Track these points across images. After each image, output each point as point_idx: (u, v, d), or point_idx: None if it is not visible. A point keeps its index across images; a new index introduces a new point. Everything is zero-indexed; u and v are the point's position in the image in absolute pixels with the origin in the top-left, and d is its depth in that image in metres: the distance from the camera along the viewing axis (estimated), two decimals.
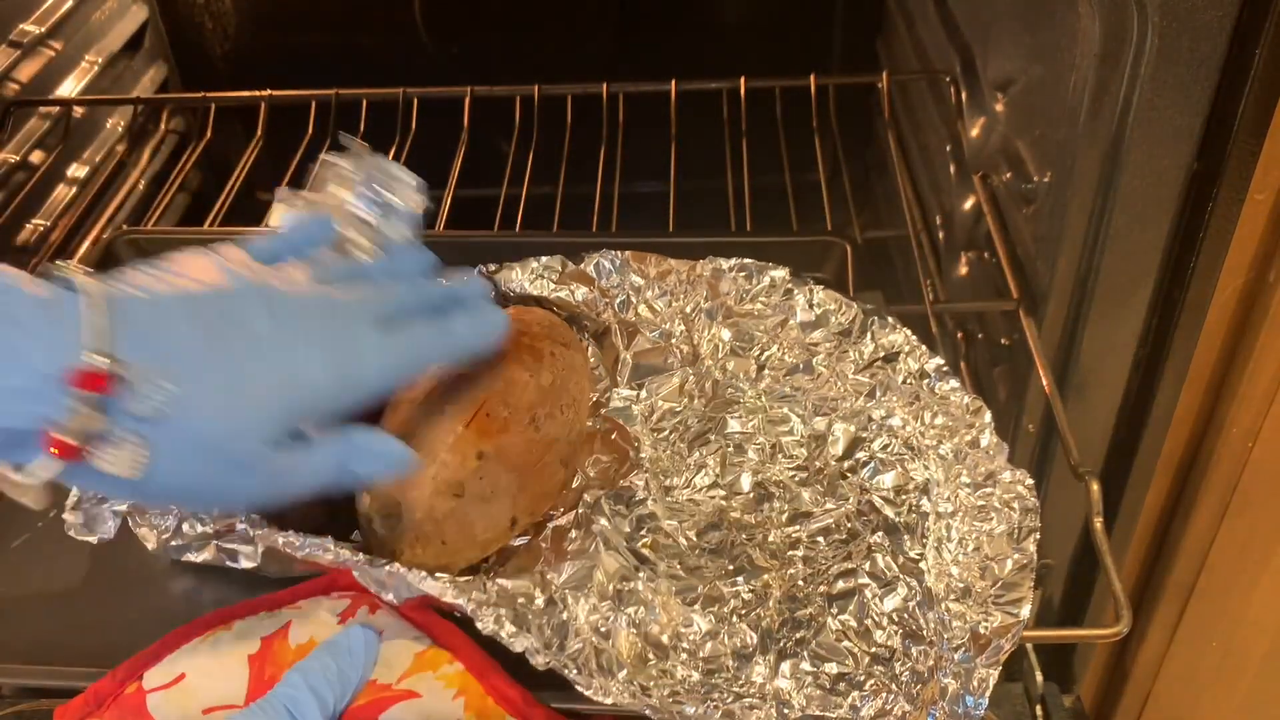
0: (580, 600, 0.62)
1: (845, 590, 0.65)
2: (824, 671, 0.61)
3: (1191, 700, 1.03)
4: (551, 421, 0.65)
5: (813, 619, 0.63)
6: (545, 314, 0.73)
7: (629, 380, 0.75)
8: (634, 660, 0.61)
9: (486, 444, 0.62)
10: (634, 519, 0.68)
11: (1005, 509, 0.67)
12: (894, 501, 0.69)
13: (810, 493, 0.70)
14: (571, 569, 0.64)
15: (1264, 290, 0.78)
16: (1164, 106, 0.70)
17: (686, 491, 0.71)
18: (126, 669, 0.61)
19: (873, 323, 0.76)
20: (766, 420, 0.74)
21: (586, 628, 0.61)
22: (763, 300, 0.77)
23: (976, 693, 0.60)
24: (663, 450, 0.72)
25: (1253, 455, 0.85)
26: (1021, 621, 0.62)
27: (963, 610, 0.63)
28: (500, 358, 0.65)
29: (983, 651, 0.61)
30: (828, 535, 0.68)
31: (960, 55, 1.07)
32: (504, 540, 0.65)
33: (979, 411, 0.71)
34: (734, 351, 0.76)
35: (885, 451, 0.71)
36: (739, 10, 1.46)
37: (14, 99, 1.14)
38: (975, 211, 1.00)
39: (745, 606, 0.64)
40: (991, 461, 0.69)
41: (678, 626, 0.63)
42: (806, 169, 1.11)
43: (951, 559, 0.66)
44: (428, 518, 0.61)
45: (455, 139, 1.15)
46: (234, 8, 1.41)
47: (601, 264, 0.77)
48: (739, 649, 0.62)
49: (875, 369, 0.74)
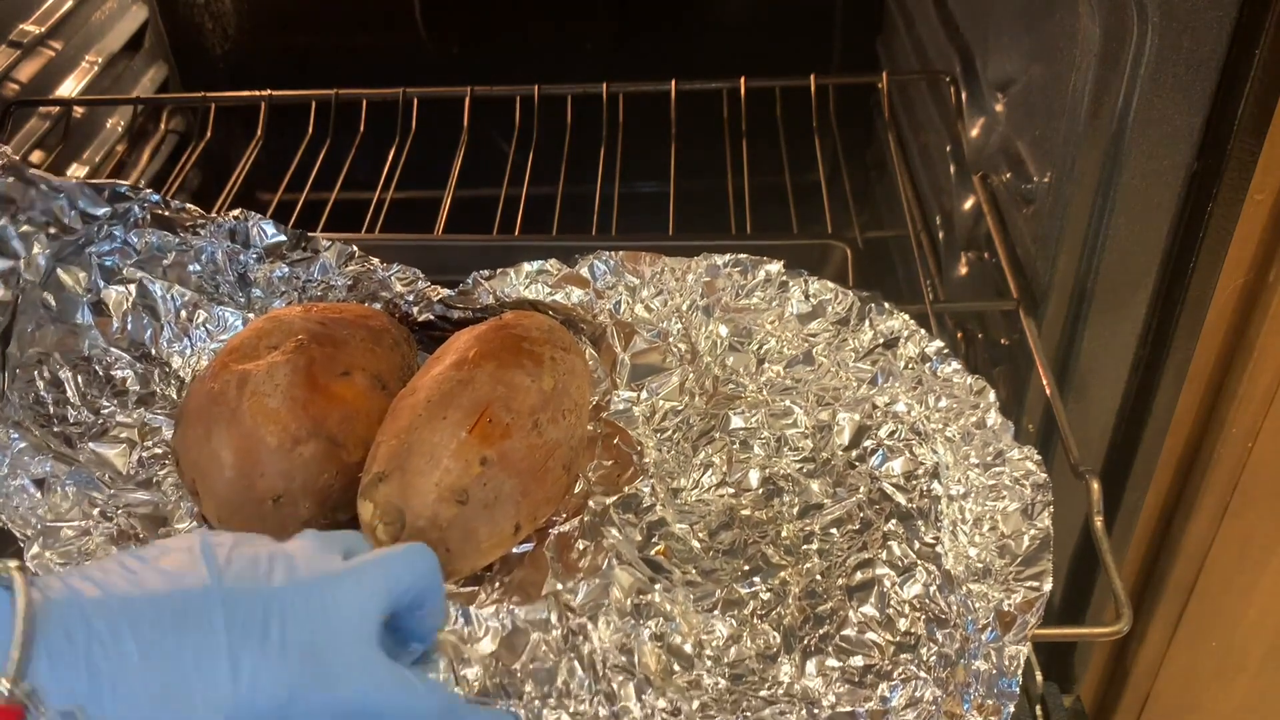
0: (600, 621, 0.61)
1: (864, 581, 0.64)
2: (850, 665, 0.61)
3: (1191, 700, 1.03)
4: (554, 426, 0.65)
5: (834, 613, 0.63)
6: (544, 319, 0.73)
7: (628, 382, 0.75)
8: (660, 674, 0.60)
9: (490, 449, 0.62)
10: (644, 526, 0.67)
11: (1016, 486, 0.68)
12: (905, 488, 0.68)
13: (820, 484, 0.70)
14: (587, 589, 0.63)
15: (1264, 290, 0.78)
16: (1164, 106, 0.70)
17: (695, 492, 0.70)
18: None
19: (870, 310, 0.75)
20: (769, 414, 0.74)
21: (611, 646, 0.61)
22: (759, 294, 0.76)
23: (1009, 671, 0.60)
24: (667, 451, 0.72)
25: (1253, 455, 0.86)
26: (1044, 595, 0.63)
27: (985, 590, 0.64)
28: (500, 364, 0.65)
29: (1009, 629, 0.62)
30: (841, 526, 0.68)
31: (960, 55, 1.07)
32: (507, 546, 0.64)
33: (983, 392, 0.71)
34: (732, 347, 0.76)
35: (892, 438, 0.71)
36: (739, 10, 1.46)
37: (14, 99, 1.14)
38: (975, 211, 1.00)
39: (765, 607, 0.64)
40: (999, 440, 0.69)
41: (699, 635, 0.62)
42: (806, 169, 1.11)
43: (968, 540, 0.66)
44: (431, 525, 0.60)
45: (455, 139, 1.15)
46: (234, 8, 1.41)
47: (596, 266, 0.76)
48: (763, 650, 0.62)
49: (876, 355, 0.74)
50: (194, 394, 0.67)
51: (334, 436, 0.65)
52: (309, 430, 0.64)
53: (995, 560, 0.65)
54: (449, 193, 1.06)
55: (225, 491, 0.64)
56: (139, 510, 0.69)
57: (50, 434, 0.72)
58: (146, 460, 0.72)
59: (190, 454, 0.65)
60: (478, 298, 0.75)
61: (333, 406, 0.66)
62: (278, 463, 0.63)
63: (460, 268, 0.77)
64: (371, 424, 0.66)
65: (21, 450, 0.70)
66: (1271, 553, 0.91)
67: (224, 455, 0.63)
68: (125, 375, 0.76)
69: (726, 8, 1.46)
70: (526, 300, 0.75)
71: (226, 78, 1.44)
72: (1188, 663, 1.00)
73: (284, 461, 0.63)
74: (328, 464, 0.65)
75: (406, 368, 0.73)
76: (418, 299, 0.76)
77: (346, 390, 0.67)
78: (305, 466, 0.64)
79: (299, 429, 0.64)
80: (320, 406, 0.65)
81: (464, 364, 0.65)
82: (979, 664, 0.61)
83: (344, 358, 0.68)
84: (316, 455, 0.64)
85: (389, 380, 0.70)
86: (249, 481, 0.63)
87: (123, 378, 0.76)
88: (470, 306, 0.75)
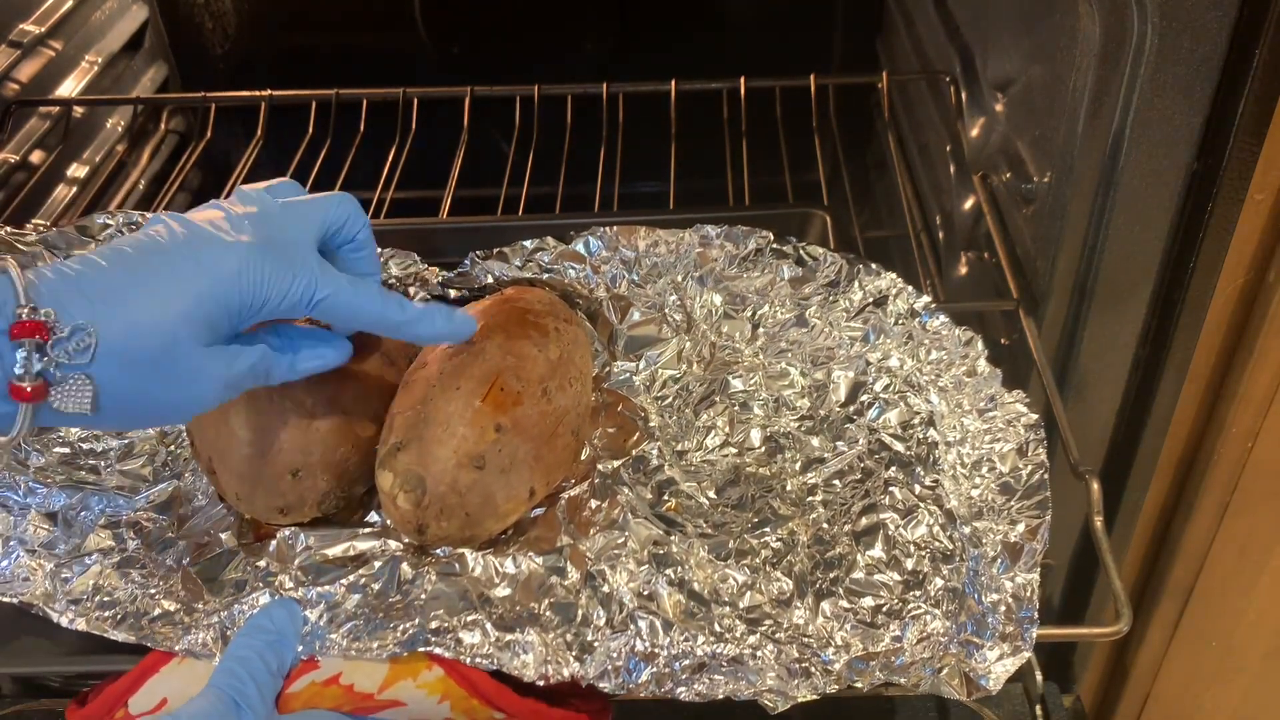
0: (619, 569, 0.63)
1: (869, 526, 0.67)
2: (861, 606, 0.63)
3: (1191, 700, 1.03)
4: (562, 394, 0.67)
5: (843, 558, 0.65)
6: (544, 293, 0.75)
7: (627, 353, 0.77)
8: (680, 616, 0.62)
9: (503, 417, 0.64)
10: (654, 485, 0.70)
11: (1010, 428, 0.70)
12: (902, 437, 0.71)
13: (820, 440, 0.72)
14: (604, 540, 0.65)
15: (1264, 290, 0.78)
16: (1164, 106, 0.71)
17: (700, 454, 0.72)
18: (112, 696, 0.62)
19: (859, 270, 0.77)
20: (767, 376, 0.76)
21: (629, 593, 0.62)
22: (750, 262, 0.78)
23: (1025, 602, 0.62)
24: (669, 417, 0.74)
25: (1253, 455, 0.86)
26: (1047, 520, 0.65)
27: (989, 525, 0.66)
28: (507, 336, 0.67)
29: (1018, 558, 0.63)
30: (843, 478, 0.70)
31: (960, 55, 1.07)
32: (523, 511, 0.66)
33: (971, 342, 0.74)
34: (727, 314, 0.78)
35: (887, 391, 0.74)
36: (739, 10, 1.46)
37: (14, 99, 1.14)
38: (975, 211, 1.00)
39: (776, 555, 0.66)
40: (990, 386, 0.72)
41: (715, 583, 0.64)
42: (806, 169, 1.11)
43: (969, 483, 0.68)
44: (451, 490, 0.62)
45: (455, 139, 1.15)
46: (234, 8, 1.41)
47: (590, 241, 0.78)
48: (777, 596, 0.63)
49: (867, 314, 0.76)
50: None
51: (348, 411, 0.67)
52: (324, 406, 0.66)
53: (996, 498, 0.67)
54: (449, 193, 1.06)
55: (244, 468, 0.65)
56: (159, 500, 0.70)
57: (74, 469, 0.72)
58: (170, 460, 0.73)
59: (207, 433, 0.67)
60: (476, 278, 0.76)
61: (345, 382, 0.67)
62: (295, 438, 0.65)
63: (458, 252, 0.78)
64: (383, 399, 0.68)
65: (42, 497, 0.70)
66: (1271, 553, 0.91)
67: (241, 433, 0.65)
68: None
69: (726, 8, 1.46)
70: (524, 278, 0.77)
71: (226, 78, 1.44)
72: (1188, 663, 1.00)
73: (301, 437, 0.65)
74: (343, 438, 0.67)
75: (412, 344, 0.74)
76: (416, 281, 0.77)
77: (358, 366, 0.68)
78: (322, 441, 0.66)
79: (314, 405, 0.66)
80: (334, 382, 0.67)
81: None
82: (992, 596, 0.62)
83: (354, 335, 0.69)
84: (333, 430, 0.66)
85: (396, 357, 0.71)
86: (268, 457, 0.65)
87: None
88: (468, 286, 0.76)
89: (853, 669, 0.60)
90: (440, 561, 0.64)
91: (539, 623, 0.61)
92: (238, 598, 0.63)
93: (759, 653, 0.60)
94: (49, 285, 0.51)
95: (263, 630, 0.60)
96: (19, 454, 0.73)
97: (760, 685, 0.59)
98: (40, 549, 0.67)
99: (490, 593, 0.63)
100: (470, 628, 0.61)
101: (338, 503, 0.68)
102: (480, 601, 0.62)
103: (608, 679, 0.60)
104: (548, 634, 0.61)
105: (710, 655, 0.60)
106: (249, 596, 0.63)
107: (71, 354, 0.50)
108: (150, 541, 0.67)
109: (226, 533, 0.67)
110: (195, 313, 0.53)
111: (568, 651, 0.60)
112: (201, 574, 0.65)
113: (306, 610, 0.62)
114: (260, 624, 0.61)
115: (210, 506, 0.69)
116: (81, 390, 0.51)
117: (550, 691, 0.61)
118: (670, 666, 0.60)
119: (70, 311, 0.51)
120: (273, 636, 0.60)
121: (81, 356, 0.51)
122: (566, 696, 0.62)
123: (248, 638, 0.60)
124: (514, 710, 0.60)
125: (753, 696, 0.59)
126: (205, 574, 0.65)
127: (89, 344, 0.51)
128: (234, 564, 0.65)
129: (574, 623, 0.62)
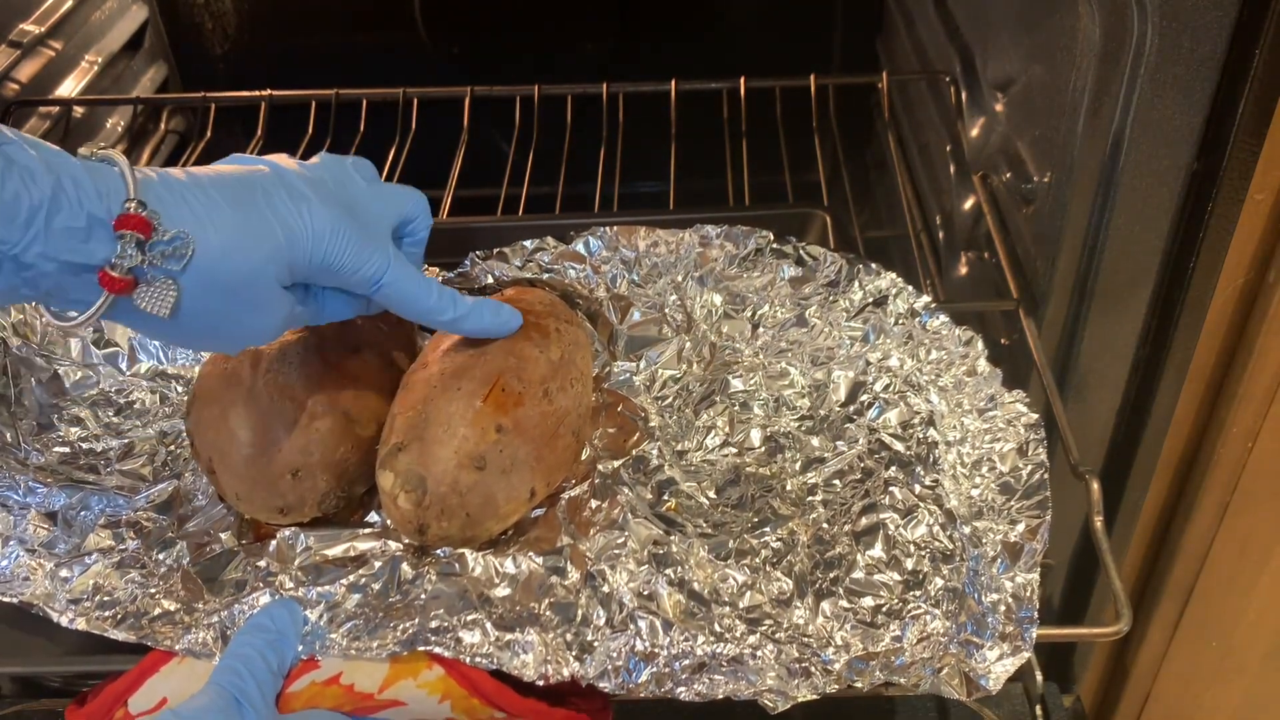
0: (619, 569, 0.63)
1: (869, 526, 0.66)
2: (861, 606, 0.63)
3: (1191, 700, 1.03)
4: (562, 394, 0.67)
5: (842, 558, 0.65)
6: (545, 294, 0.75)
7: (627, 353, 0.77)
8: (680, 616, 0.62)
9: (504, 417, 0.64)
10: (654, 485, 0.70)
11: (1010, 427, 0.70)
12: (902, 436, 0.71)
13: (820, 439, 0.72)
14: (604, 540, 0.65)
15: (1264, 290, 0.78)
16: (1164, 106, 0.70)
17: (700, 453, 0.73)
18: (111, 696, 0.62)
19: (859, 270, 0.77)
20: (767, 376, 0.76)
21: (629, 593, 0.62)
22: (750, 262, 0.78)
23: (1025, 601, 0.62)
24: (669, 417, 0.74)
25: (1253, 455, 0.86)
26: (1047, 520, 0.64)
27: (989, 525, 0.65)
28: (509, 336, 0.67)
29: (1018, 558, 0.63)
30: (843, 477, 0.70)
31: (960, 55, 1.07)
32: (523, 511, 0.66)
33: (971, 342, 0.74)
34: (727, 314, 0.78)
35: (887, 391, 0.74)
36: (739, 10, 1.46)
37: (14, 99, 1.14)
38: (975, 211, 1.00)
39: (776, 555, 0.65)
40: (989, 386, 0.72)
41: (715, 583, 0.64)
42: (806, 169, 1.11)
43: (969, 483, 0.68)
44: (452, 491, 0.62)
45: (455, 139, 1.15)
46: (234, 8, 1.41)
47: (590, 241, 0.78)
48: (777, 596, 0.63)
49: (867, 314, 0.77)
50: (206, 376, 0.69)
51: (348, 411, 0.67)
52: (324, 406, 0.66)
53: (996, 497, 0.67)
54: (449, 192, 1.06)
55: (244, 468, 0.65)
56: (159, 500, 0.70)
57: (74, 468, 0.73)
58: (170, 460, 0.74)
59: (207, 434, 0.67)
60: (476, 278, 0.77)
61: (345, 382, 0.68)
62: (295, 438, 0.65)
63: (458, 253, 0.79)
64: (383, 399, 0.69)
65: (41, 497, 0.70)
66: (1271, 553, 0.91)
67: (241, 433, 0.65)
68: (143, 397, 0.78)
69: (726, 8, 1.46)
70: (524, 279, 0.77)
71: (226, 78, 1.44)
72: (1188, 663, 1.00)
73: (301, 437, 0.65)
74: (343, 438, 0.67)
75: (412, 344, 0.75)
76: None
77: (358, 367, 0.69)
78: (322, 441, 0.66)
79: (314, 405, 0.66)
80: (334, 382, 0.67)
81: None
82: (992, 596, 0.62)
83: (353, 336, 0.70)
84: (333, 430, 0.66)
85: (397, 357, 0.72)
86: (268, 457, 0.65)
87: (141, 399, 0.78)
88: (469, 286, 0.77)
89: (853, 669, 0.60)
90: (440, 561, 0.64)
91: (539, 622, 0.61)
92: (238, 598, 0.63)
93: (759, 653, 0.60)
94: (156, 189, 0.53)
95: (263, 629, 0.61)
96: (19, 453, 0.73)
97: (760, 685, 0.59)
98: (40, 549, 0.67)
99: (490, 593, 0.63)
100: (470, 627, 0.61)
101: (338, 503, 0.68)
102: (480, 601, 0.62)
103: (608, 679, 0.59)
104: (548, 634, 0.61)
105: (710, 655, 0.60)
106: (249, 596, 0.63)
107: (166, 256, 0.52)
108: (150, 541, 0.67)
109: (226, 533, 0.67)
110: (283, 255, 0.56)
111: (568, 651, 0.60)
112: (201, 574, 0.65)
113: (306, 610, 0.62)
114: (261, 623, 0.61)
115: (210, 506, 0.69)
116: (166, 294, 0.53)
117: (550, 691, 0.61)
118: (670, 666, 0.60)
119: (174, 218, 0.53)
120: (273, 636, 0.60)
121: (175, 263, 0.53)
122: (567, 696, 0.62)
123: (248, 636, 0.60)
124: (515, 710, 0.60)
125: (753, 696, 0.59)
126: (205, 574, 0.65)
127: (186, 253, 0.53)
128: (234, 564, 0.65)
129: (574, 622, 0.61)
